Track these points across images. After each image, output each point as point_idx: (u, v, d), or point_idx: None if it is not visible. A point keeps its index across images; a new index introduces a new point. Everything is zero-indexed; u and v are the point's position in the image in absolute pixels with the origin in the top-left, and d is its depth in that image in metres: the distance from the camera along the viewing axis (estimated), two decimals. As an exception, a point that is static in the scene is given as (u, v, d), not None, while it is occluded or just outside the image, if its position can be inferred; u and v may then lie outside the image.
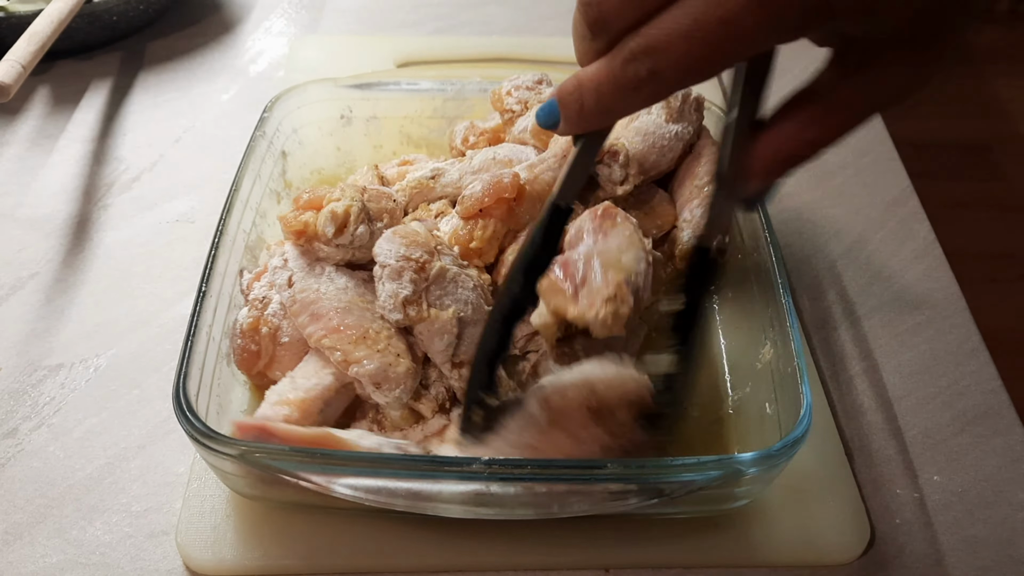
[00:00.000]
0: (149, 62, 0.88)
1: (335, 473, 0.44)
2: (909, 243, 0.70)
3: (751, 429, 0.53)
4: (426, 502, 0.46)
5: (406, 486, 0.44)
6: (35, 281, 0.66)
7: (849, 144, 0.80)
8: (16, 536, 0.50)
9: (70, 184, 0.74)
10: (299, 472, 0.44)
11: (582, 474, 0.43)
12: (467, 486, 0.44)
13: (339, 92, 0.69)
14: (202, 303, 0.50)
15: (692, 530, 0.50)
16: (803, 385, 0.47)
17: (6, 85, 0.66)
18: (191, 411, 0.44)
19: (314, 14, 0.96)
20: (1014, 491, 0.54)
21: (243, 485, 0.48)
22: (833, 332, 0.63)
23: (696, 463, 0.43)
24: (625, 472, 0.43)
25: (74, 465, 0.54)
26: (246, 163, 0.60)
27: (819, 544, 0.50)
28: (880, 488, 0.54)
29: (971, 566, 0.50)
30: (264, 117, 0.65)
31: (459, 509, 0.46)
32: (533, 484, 0.43)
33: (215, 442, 0.43)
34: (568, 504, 0.46)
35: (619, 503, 0.46)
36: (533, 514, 0.48)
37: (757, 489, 0.48)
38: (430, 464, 0.44)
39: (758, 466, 0.44)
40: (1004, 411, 0.58)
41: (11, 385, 0.58)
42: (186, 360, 0.47)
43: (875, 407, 0.58)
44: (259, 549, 0.49)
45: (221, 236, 0.54)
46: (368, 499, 0.45)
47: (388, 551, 0.49)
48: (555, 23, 0.94)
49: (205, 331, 0.50)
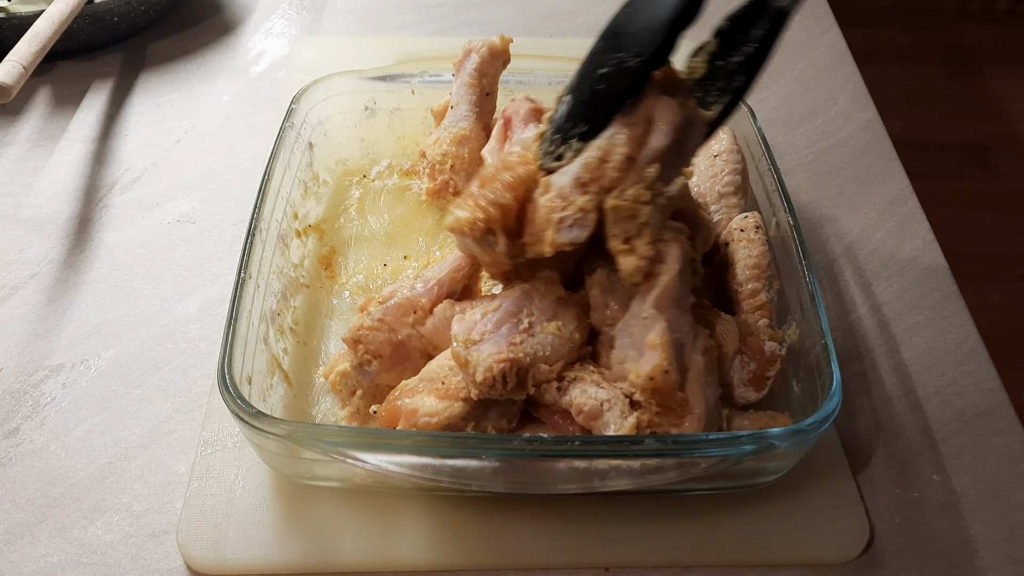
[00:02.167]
0: (150, 63, 0.88)
1: (379, 450, 0.45)
2: (909, 243, 0.71)
3: (777, 406, 0.53)
4: (470, 479, 0.47)
5: (451, 463, 0.46)
6: (36, 281, 0.66)
7: (849, 144, 0.81)
8: (17, 535, 0.50)
9: (71, 184, 0.74)
10: (347, 451, 0.45)
11: (620, 449, 0.45)
12: (508, 462, 0.46)
13: (363, 84, 0.70)
14: (242, 288, 0.51)
15: (692, 530, 0.51)
16: (833, 362, 0.48)
17: (7, 86, 0.66)
18: (236, 392, 0.46)
19: (315, 15, 0.96)
20: (1013, 490, 0.54)
21: (285, 464, 0.50)
22: (832, 332, 0.63)
23: (731, 438, 0.45)
24: (662, 447, 0.45)
25: (75, 465, 0.54)
26: (276, 153, 0.61)
27: (819, 543, 0.50)
28: (879, 487, 0.54)
29: (970, 566, 0.50)
30: (292, 108, 0.65)
31: (502, 484, 0.48)
32: (573, 460, 0.45)
33: (262, 421, 0.45)
34: (608, 478, 0.47)
35: (657, 476, 0.47)
36: (575, 488, 0.49)
37: (788, 464, 0.50)
38: (474, 441, 0.46)
39: (790, 441, 0.45)
40: (1003, 411, 0.58)
41: (12, 385, 0.59)
42: (229, 343, 0.48)
43: (874, 406, 0.58)
44: (259, 549, 0.49)
45: (256, 223, 0.55)
46: (414, 475, 0.47)
47: (389, 549, 0.49)
48: (555, 23, 0.94)
49: (245, 316, 0.51)
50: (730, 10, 0.49)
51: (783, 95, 0.86)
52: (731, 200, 0.62)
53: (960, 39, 2.35)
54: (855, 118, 0.83)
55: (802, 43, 0.93)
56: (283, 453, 0.48)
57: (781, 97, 0.86)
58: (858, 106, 0.85)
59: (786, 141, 0.80)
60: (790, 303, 0.56)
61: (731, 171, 0.63)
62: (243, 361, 0.49)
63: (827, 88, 0.87)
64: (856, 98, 0.86)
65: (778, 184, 0.60)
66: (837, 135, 0.81)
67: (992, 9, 2.45)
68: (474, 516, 0.51)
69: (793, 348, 0.54)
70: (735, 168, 0.63)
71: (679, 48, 0.47)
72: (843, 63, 0.90)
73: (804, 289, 0.53)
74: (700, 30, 0.48)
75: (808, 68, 0.90)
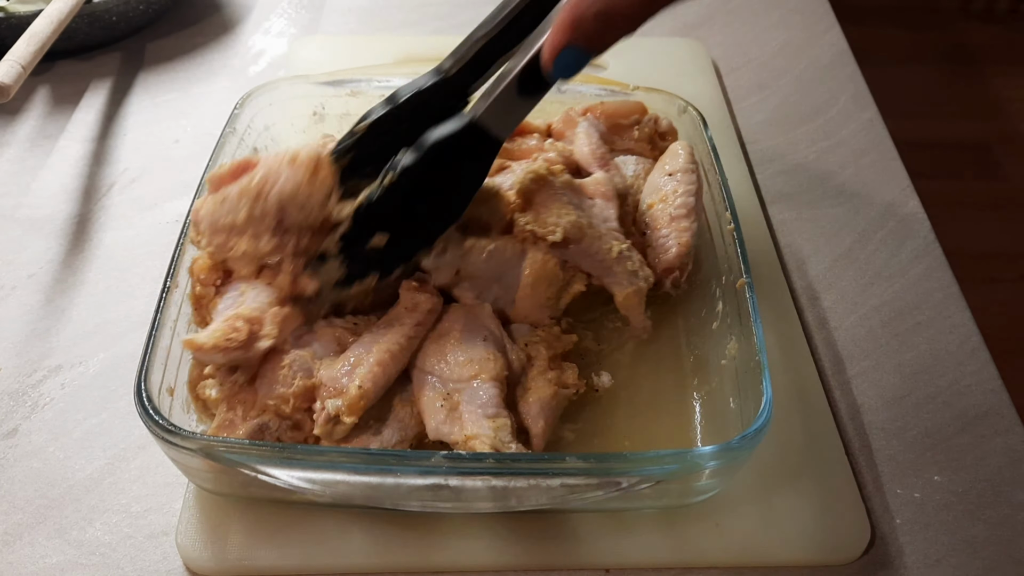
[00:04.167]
0: (149, 62, 0.88)
1: (293, 467, 0.44)
2: (909, 243, 0.70)
3: (716, 424, 0.53)
4: (384, 496, 0.46)
5: (364, 480, 0.45)
6: (34, 281, 0.66)
7: (849, 144, 0.81)
8: (16, 536, 0.50)
9: (70, 184, 0.74)
10: (258, 466, 0.44)
11: (540, 468, 0.44)
12: (425, 480, 0.44)
13: (311, 89, 0.69)
14: (166, 297, 0.50)
15: (693, 531, 0.50)
16: (764, 379, 0.47)
17: (6, 85, 0.66)
18: (152, 406, 0.44)
19: (314, 14, 0.96)
20: (1014, 491, 0.54)
21: (206, 480, 0.49)
22: (833, 332, 0.63)
23: (655, 456, 0.44)
24: (584, 466, 0.43)
25: (74, 465, 0.54)
26: (215, 160, 0.60)
27: (819, 544, 0.50)
28: (880, 488, 0.54)
29: (971, 566, 0.50)
30: (235, 114, 0.64)
31: (417, 503, 0.47)
32: (491, 478, 0.44)
33: (177, 437, 0.43)
34: (527, 497, 0.46)
35: (577, 496, 0.46)
36: (492, 507, 0.48)
37: (721, 482, 0.49)
38: (389, 458, 0.44)
39: (718, 459, 0.44)
40: (1004, 411, 0.58)
41: (11, 385, 0.58)
42: (148, 354, 0.47)
43: (875, 407, 0.58)
44: (259, 549, 0.49)
45: (187, 229, 0.54)
46: (325, 493, 0.46)
47: (386, 551, 0.49)
48: (555, 23, 0.94)
49: (169, 326, 0.50)
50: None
51: (783, 95, 0.86)
52: (682, 223, 0.59)
53: (961, 38, 2.35)
54: (856, 118, 0.83)
55: (802, 42, 0.93)
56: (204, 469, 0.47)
57: (781, 96, 0.86)
58: (859, 105, 0.85)
59: (786, 141, 0.80)
60: (729, 318, 0.55)
61: (684, 192, 0.60)
62: (164, 372, 0.48)
63: (828, 88, 0.87)
64: (857, 97, 0.86)
65: (724, 194, 0.58)
66: (838, 135, 0.81)
67: (993, 9, 2.45)
68: (476, 515, 0.50)
69: (732, 364, 0.53)
70: (689, 189, 0.60)
71: None
72: (844, 62, 0.90)
73: (744, 303, 0.52)
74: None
75: (808, 68, 0.90)
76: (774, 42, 0.93)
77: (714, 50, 0.91)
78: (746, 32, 0.95)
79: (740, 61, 0.90)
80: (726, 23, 0.96)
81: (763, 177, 0.76)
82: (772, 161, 0.78)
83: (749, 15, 0.97)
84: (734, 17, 0.97)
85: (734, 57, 0.91)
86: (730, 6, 0.98)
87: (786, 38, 0.94)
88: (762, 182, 0.76)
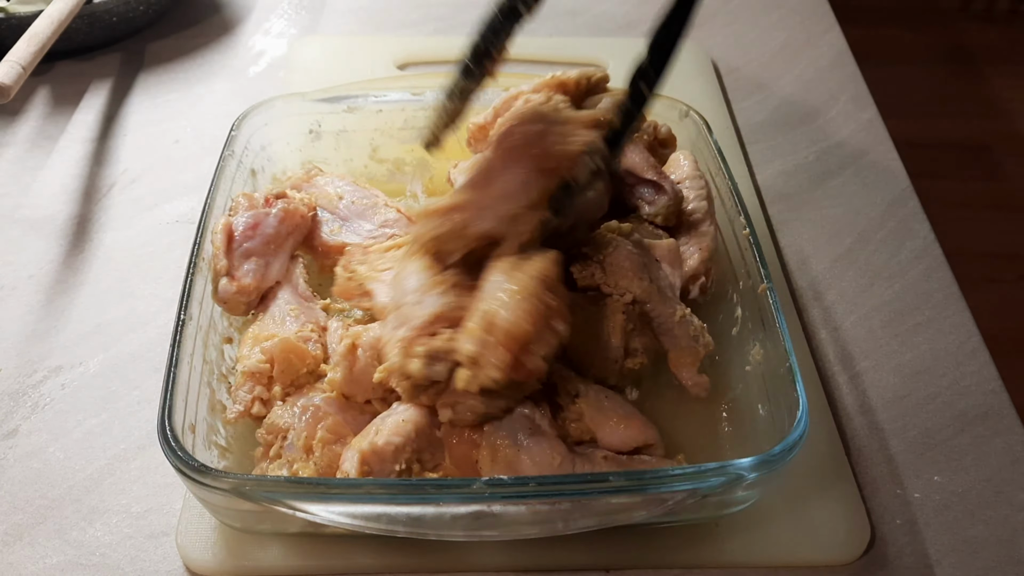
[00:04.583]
0: (149, 63, 0.88)
1: (332, 501, 0.42)
2: (909, 243, 0.70)
3: (744, 431, 0.53)
4: (427, 528, 0.45)
5: (406, 511, 0.44)
6: (35, 282, 0.66)
7: (849, 144, 0.81)
8: (16, 537, 0.50)
9: (70, 185, 0.74)
10: (294, 502, 0.42)
11: (584, 488, 0.43)
12: (468, 507, 0.43)
13: (307, 106, 0.67)
14: (182, 331, 0.48)
15: (693, 532, 0.50)
16: (797, 385, 0.47)
17: (6, 86, 0.66)
18: (179, 446, 0.43)
19: (314, 15, 0.96)
20: (1014, 492, 0.54)
21: (237, 518, 0.47)
22: (833, 332, 0.63)
23: (697, 471, 0.43)
24: (627, 484, 0.43)
25: (74, 466, 0.54)
26: (217, 184, 0.58)
27: (819, 544, 0.50)
28: (880, 488, 0.54)
29: (971, 567, 0.50)
30: (232, 136, 0.63)
31: (461, 533, 0.46)
32: (534, 502, 0.43)
33: (207, 476, 0.42)
34: (573, 520, 0.45)
35: (623, 515, 0.45)
36: (538, 532, 0.47)
37: (758, 493, 0.48)
38: (430, 488, 0.43)
39: (758, 470, 0.43)
40: (1004, 411, 0.58)
41: (11, 386, 0.58)
42: (169, 392, 0.45)
43: (875, 407, 0.58)
44: (259, 550, 0.49)
45: (196, 260, 0.53)
46: (369, 527, 0.44)
47: (389, 551, 0.49)
48: (554, 23, 0.94)
49: (187, 361, 0.49)
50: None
51: (783, 95, 0.86)
52: (700, 228, 0.59)
53: (961, 39, 2.35)
54: (856, 118, 0.83)
55: (803, 43, 0.93)
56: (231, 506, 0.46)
57: (781, 97, 0.86)
58: (859, 106, 0.85)
59: (787, 141, 0.80)
60: (752, 323, 0.55)
61: (696, 197, 0.60)
62: (185, 409, 0.47)
63: (828, 88, 0.87)
64: (857, 98, 0.86)
65: (736, 200, 0.58)
66: (838, 135, 0.81)
67: (993, 9, 2.45)
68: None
69: (758, 370, 0.53)
70: (700, 195, 0.60)
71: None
72: (844, 63, 0.90)
73: (767, 308, 0.51)
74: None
75: (808, 68, 0.90)
76: (774, 42, 0.93)
77: (714, 51, 0.91)
78: (746, 32, 0.95)
79: (740, 61, 0.90)
80: (726, 23, 0.96)
81: (763, 177, 0.76)
82: (772, 161, 0.78)
83: (749, 15, 0.97)
84: (734, 17, 0.97)
85: (734, 58, 0.91)
86: (730, 6, 0.98)
87: (786, 38, 0.94)
88: (762, 182, 0.76)
